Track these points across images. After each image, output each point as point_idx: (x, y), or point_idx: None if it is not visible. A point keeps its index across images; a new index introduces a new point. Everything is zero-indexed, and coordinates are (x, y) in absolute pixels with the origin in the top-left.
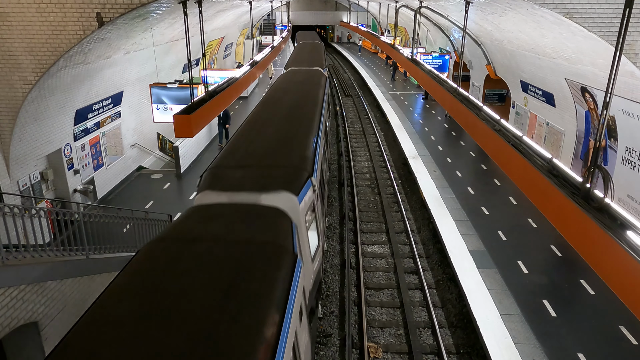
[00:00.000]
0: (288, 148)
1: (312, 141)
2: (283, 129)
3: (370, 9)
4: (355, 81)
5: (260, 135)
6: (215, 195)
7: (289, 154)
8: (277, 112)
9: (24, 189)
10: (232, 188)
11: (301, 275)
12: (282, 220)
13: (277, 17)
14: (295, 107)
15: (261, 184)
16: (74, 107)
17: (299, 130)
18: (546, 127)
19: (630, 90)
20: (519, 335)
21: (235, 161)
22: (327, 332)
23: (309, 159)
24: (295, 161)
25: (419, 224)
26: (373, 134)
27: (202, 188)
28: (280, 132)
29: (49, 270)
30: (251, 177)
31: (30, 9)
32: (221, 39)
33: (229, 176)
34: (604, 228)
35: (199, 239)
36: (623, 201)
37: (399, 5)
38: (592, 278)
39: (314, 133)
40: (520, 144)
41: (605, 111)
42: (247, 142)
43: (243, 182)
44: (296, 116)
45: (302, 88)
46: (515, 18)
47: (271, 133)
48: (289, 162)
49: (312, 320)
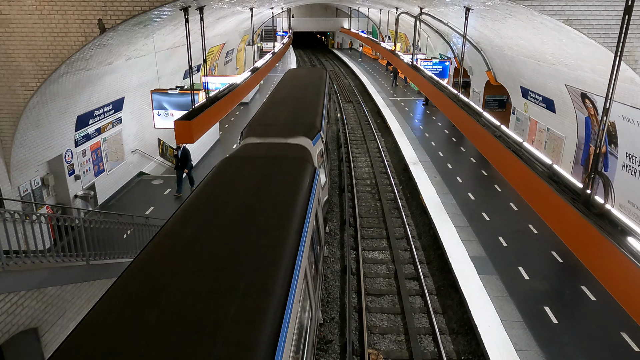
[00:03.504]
0: (303, 115)
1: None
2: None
3: (371, 15)
4: (356, 87)
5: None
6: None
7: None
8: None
9: (25, 194)
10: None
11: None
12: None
13: (278, 24)
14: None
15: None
16: (75, 113)
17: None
18: (546, 133)
19: (630, 96)
20: (520, 342)
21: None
22: (328, 338)
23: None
24: (309, 121)
25: (419, 230)
26: (374, 140)
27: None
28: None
29: (49, 276)
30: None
31: (32, 16)
32: (222, 46)
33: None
34: (605, 234)
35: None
36: (624, 207)
37: (399, 12)
38: (593, 284)
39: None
40: (521, 149)
41: (606, 117)
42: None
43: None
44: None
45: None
46: (515, 25)
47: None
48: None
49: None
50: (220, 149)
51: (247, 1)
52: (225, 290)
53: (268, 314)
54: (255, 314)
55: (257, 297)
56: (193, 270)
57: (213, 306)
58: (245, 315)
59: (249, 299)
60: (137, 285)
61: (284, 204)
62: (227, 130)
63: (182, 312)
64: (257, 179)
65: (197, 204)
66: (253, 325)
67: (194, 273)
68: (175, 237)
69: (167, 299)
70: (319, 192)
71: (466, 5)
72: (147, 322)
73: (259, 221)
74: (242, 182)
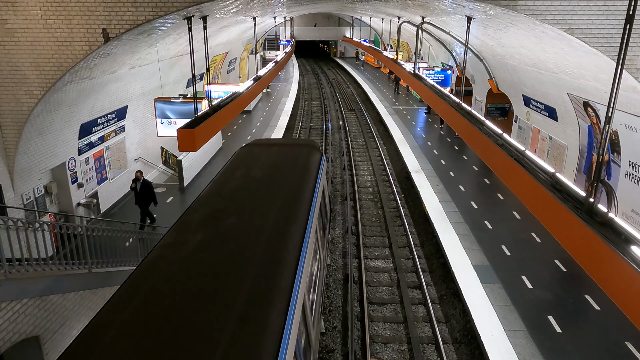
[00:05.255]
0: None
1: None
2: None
3: (373, 24)
4: (358, 95)
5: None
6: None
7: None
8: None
9: (28, 202)
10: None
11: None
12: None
13: (281, 33)
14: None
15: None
16: (78, 122)
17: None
18: (549, 141)
19: (632, 104)
20: (524, 352)
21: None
22: (330, 347)
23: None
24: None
25: (422, 238)
26: (376, 148)
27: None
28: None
29: (51, 284)
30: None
31: (37, 25)
32: (225, 54)
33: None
34: (608, 243)
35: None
36: (627, 216)
37: (401, 21)
38: (597, 293)
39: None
40: (523, 158)
41: (608, 125)
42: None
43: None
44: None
45: None
46: (516, 33)
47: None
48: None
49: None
50: (223, 157)
51: (250, 10)
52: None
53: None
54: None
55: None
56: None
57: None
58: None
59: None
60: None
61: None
62: (229, 139)
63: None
64: None
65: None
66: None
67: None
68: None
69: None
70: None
71: (468, 14)
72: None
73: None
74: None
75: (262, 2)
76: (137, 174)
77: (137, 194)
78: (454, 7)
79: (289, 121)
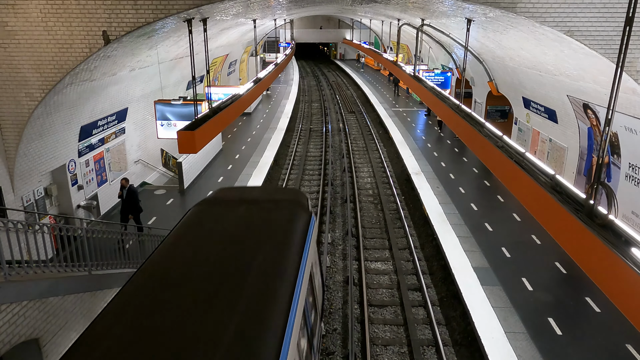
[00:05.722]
0: None
1: None
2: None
3: (373, 26)
4: (358, 98)
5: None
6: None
7: None
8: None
9: (28, 204)
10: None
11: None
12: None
13: (281, 35)
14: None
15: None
16: (79, 124)
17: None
18: (549, 143)
19: (632, 106)
20: (525, 354)
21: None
22: (330, 350)
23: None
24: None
25: (422, 240)
26: (376, 150)
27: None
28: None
29: (51, 286)
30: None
31: (37, 27)
32: (225, 56)
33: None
34: (609, 245)
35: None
36: (627, 218)
37: (401, 23)
38: (597, 295)
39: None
40: (523, 160)
41: (608, 128)
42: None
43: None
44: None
45: None
46: (516, 36)
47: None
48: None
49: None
50: (223, 159)
51: (250, 13)
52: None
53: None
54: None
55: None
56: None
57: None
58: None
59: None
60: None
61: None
62: (229, 141)
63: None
64: None
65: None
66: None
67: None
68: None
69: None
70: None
71: (468, 16)
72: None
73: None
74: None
75: (262, 4)
76: (123, 182)
77: (123, 202)
78: (454, 10)
79: (289, 123)
